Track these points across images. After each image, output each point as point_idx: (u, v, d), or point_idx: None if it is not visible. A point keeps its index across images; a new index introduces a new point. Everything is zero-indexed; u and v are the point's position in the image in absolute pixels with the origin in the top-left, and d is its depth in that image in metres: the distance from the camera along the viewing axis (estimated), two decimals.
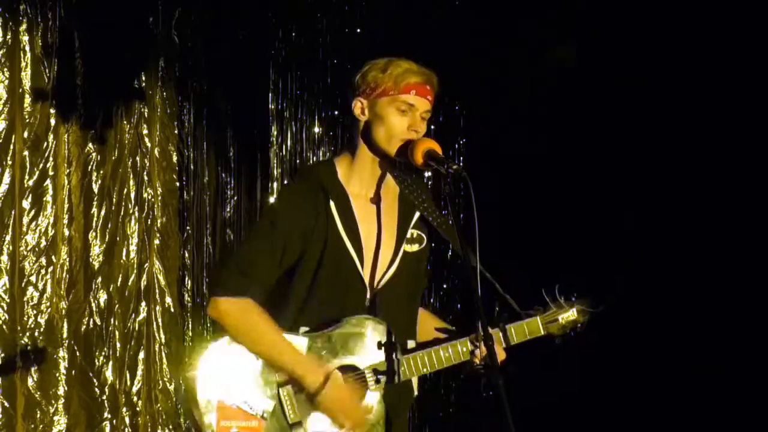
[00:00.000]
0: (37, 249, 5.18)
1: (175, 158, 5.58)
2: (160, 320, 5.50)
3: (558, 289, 3.26)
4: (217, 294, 3.07)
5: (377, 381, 3.06)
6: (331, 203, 3.10)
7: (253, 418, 3.03)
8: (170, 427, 5.50)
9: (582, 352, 4.99)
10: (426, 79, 3.07)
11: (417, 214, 3.18)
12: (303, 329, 3.08)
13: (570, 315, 3.26)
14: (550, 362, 4.28)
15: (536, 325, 3.22)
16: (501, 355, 3.13)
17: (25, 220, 5.17)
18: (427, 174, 4.72)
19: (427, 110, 3.09)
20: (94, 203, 5.37)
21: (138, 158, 5.46)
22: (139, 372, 5.44)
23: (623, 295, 3.50)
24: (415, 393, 3.25)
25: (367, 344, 3.06)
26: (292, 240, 3.07)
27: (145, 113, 5.48)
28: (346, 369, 3.06)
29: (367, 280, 3.11)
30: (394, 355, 3.06)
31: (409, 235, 3.17)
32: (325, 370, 3.02)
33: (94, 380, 5.33)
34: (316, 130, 5.80)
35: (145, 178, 5.47)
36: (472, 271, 2.89)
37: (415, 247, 3.18)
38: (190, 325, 5.57)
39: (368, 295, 3.11)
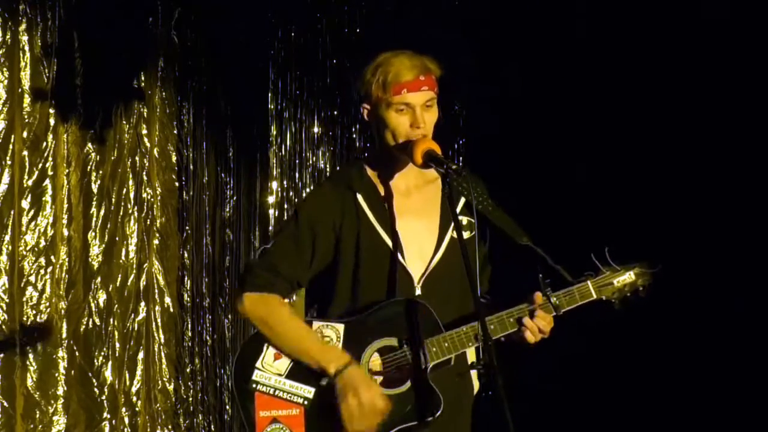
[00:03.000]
0: (36, 249, 5.18)
1: (174, 158, 5.58)
2: (159, 320, 5.50)
3: (609, 253, 3.14)
4: (244, 290, 3.09)
5: (417, 362, 3.00)
6: (359, 197, 3.10)
7: (295, 407, 3.00)
8: (169, 427, 5.50)
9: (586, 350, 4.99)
10: (417, 72, 3.03)
11: (462, 201, 3.13)
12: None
13: (627, 278, 3.13)
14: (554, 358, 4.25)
15: (587, 288, 3.10)
16: (550, 323, 3.06)
17: (25, 220, 5.17)
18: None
19: (428, 99, 3.05)
20: (94, 203, 5.37)
21: (137, 158, 5.46)
22: (139, 372, 5.44)
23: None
24: (476, 387, 3.19)
25: (407, 325, 3.03)
26: (320, 235, 3.08)
27: (145, 113, 5.48)
28: (385, 350, 3.04)
29: (411, 269, 3.09)
30: (433, 336, 3.02)
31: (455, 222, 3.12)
32: (347, 359, 2.99)
33: (94, 380, 5.32)
34: (316, 130, 5.80)
35: (145, 178, 5.47)
36: (522, 255, 2.95)
37: (466, 234, 3.08)
38: (189, 326, 5.57)
39: (416, 284, 3.09)
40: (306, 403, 3.00)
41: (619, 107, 5.16)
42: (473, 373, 3.16)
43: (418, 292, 3.09)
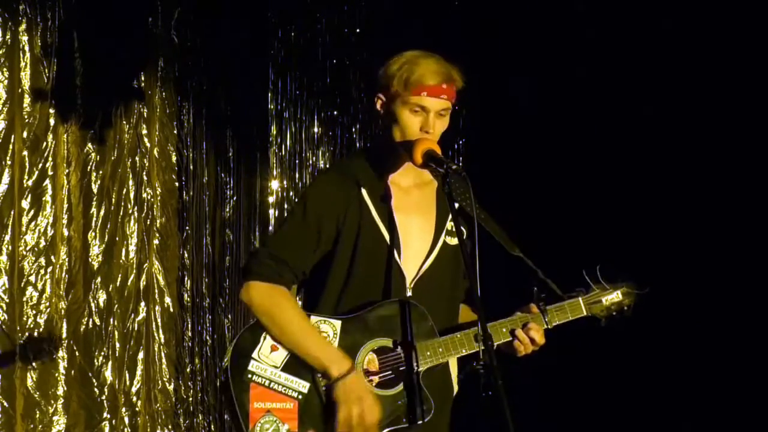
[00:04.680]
0: (36, 249, 5.18)
1: (174, 158, 5.58)
2: (159, 320, 5.50)
3: (600, 271, 3.23)
4: (250, 279, 3.08)
5: (410, 364, 3.03)
6: (363, 191, 3.12)
7: (289, 400, 3.00)
8: (169, 427, 5.50)
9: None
10: (442, 78, 3.06)
11: (456, 206, 3.13)
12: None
13: (614, 297, 3.23)
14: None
15: (578, 305, 3.21)
16: (541, 339, 3.13)
17: (25, 220, 5.17)
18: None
19: (443, 108, 3.08)
20: (94, 203, 5.36)
21: (137, 158, 5.45)
22: (139, 372, 5.44)
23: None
24: (455, 389, 3.23)
25: (403, 326, 3.05)
26: (325, 226, 3.09)
27: (145, 113, 5.48)
28: (381, 350, 3.06)
29: (405, 268, 3.11)
30: (427, 339, 3.05)
31: (449, 227, 3.17)
32: (350, 363, 3.01)
33: (94, 380, 5.32)
34: (316, 130, 5.80)
35: (145, 178, 5.47)
36: (515, 258, 3.05)
37: (455, 241, 3.14)
38: (189, 326, 5.57)
39: (407, 284, 3.11)
40: (300, 397, 3.01)
41: (620, 106, 5.16)
42: (453, 376, 3.20)
43: (408, 293, 3.11)
